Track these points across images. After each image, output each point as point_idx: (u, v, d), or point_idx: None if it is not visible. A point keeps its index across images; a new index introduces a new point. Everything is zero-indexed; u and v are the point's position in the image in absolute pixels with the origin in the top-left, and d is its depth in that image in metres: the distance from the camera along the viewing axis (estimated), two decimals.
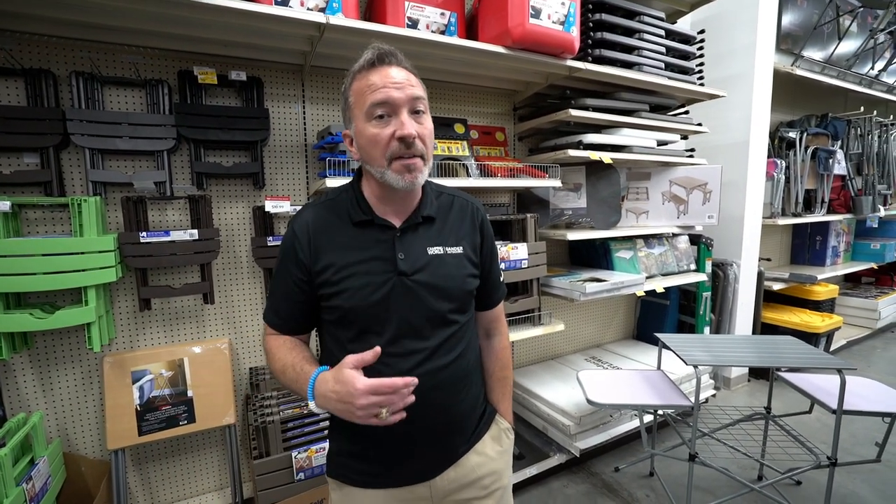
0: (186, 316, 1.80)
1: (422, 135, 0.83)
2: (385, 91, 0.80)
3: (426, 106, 0.86)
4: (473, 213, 0.99)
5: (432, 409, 0.88)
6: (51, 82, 1.49)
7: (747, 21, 2.87)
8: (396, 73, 0.82)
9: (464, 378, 0.94)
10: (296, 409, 1.69)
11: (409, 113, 0.83)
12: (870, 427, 2.57)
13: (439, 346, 0.88)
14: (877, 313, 4.06)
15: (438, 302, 0.87)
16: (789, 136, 3.41)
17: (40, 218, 1.55)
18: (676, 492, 2.02)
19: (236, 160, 1.80)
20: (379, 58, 0.82)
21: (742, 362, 1.89)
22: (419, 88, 0.85)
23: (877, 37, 3.89)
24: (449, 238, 0.93)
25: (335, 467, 0.96)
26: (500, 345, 1.09)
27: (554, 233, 2.21)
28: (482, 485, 0.96)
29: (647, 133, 2.31)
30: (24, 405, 1.58)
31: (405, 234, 0.90)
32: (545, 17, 1.72)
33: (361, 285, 0.85)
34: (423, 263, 0.88)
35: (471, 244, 0.96)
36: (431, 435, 0.90)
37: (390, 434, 0.86)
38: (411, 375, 0.76)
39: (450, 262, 0.91)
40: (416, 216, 0.91)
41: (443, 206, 0.97)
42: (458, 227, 0.96)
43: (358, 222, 0.89)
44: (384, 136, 0.81)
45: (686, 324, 2.95)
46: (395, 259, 0.87)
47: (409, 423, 0.79)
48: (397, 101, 0.81)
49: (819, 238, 4.02)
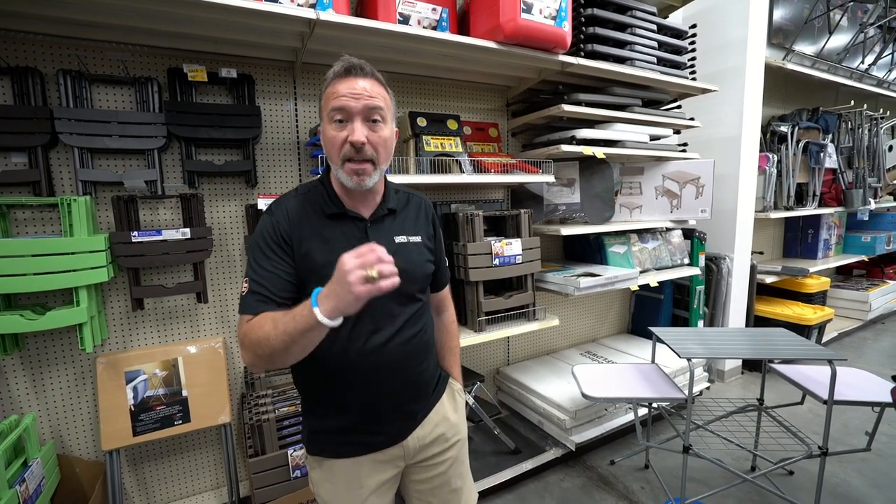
0: (180, 315, 1.79)
1: (373, 142, 0.92)
2: (344, 100, 0.90)
3: (385, 116, 0.94)
4: (427, 208, 1.14)
5: (401, 375, 1.02)
6: (38, 81, 1.47)
7: (739, 15, 2.88)
8: (359, 85, 0.91)
9: (424, 348, 1.07)
10: (291, 407, 1.69)
11: (364, 121, 0.91)
12: (860, 417, 2.61)
13: (407, 321, 1.01)
14: (868, 305, 4.11)
15: (406, 284, 0.91)
16: (781, 130, 3.43)
17: (29, 218, 1.53)
18: (671, 483, 2.04)
19: (228, 158, 1.79)
20: (346, 70, 0.91)
21: (735, 354, 1.91)
22: (379, 100, 0.92)
23: (867, 31, 3.91)
24: (409, 228, 1.07)
25: (314, 444, 1.04)
26: (449, 319, 1.25)
27: (548, 228, 2.22)
28: (444, 438, 1.11)
29: (640, 128, 2.32)
30: (16, 407, 1.57)
31: (376, 224, 1.01)
32: (537, 11, 1.71)
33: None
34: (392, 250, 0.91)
35: (426, 234, 1.10)
36: (400, 400, 1.03)
37: (365, 405, 0.99)
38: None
39: (412, 249, 1.05)
40: (383, 208, 1.03)
41: (401, 201, 1.09)
42: (415, 219, 1.10)
43: (330, 215, 0.98)
44: (339, 139, 0.91)
45: (680, 317, 2.97)
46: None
47: (381, 392, 0.98)
48: (352, 109, 0.90)
49: (811, 231, 4.05)
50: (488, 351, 2.59)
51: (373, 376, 0.98)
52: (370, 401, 1.00)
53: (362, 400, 0.99)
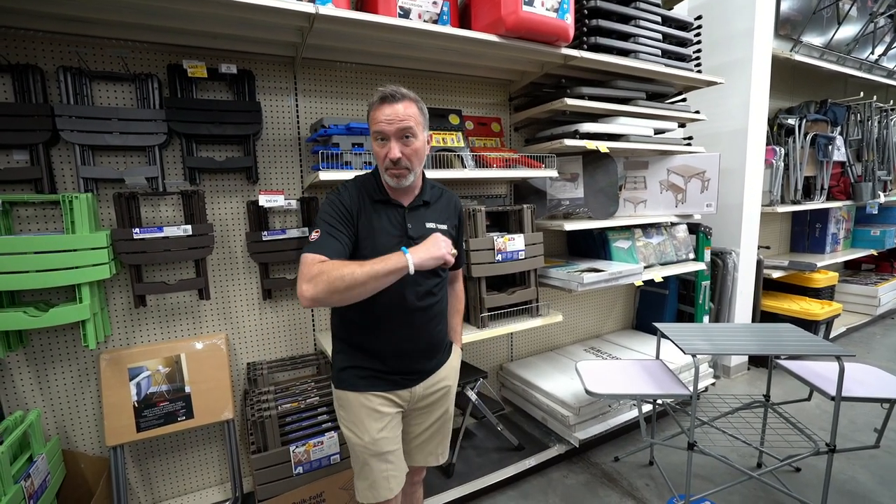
0: (182, 312, 1.80)
1: (406, 154, 1.16)
2: (382, 125, 1.14)
3: (415, 132, 1.16)
4: (455, 203, 1.39)
5: (425, 334, 1.28)
6: (38, 78, 1.47)
7: (745, 6, 2.83)
8: (393, 111, 1.13)
9: (441, 315, 1.34)
10: (293, 403, 1.69)
11: (398, 139, 1.15)
12: (869, 413, 2.57)
13: (428, 290, 1.26)
14: (877, 300, 4.06)
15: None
16: (788, 122, 3.38)
17: (32, 215, 1.54)
18: (676, 480, 2.03)
19: (229, 154, 1.78)
20: (381, 98, 1.14)
21: (741, 350, 1.88)
22: (409, 121, 1.14)
23: (877, 20, 3.84)
24: (439, 218, 1.31)
25: (342, 381, 1.27)
26: (459, 287, 1.52)
27: (551, 223, 2.20)
28: (439, 387, 1.36)
29: (644, 121, 2.29)
30: (21, 403, 1.58)
31: (412, 212, 1.26)
32: (539, 4, 1.69)
33: (383, 244, 1.19)
34: (424, 233, 1.23)
35: (451, 224, 1.35)
36: (420, 353, 1.29)
37: (390, 351, 1.24)
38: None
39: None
40: (419, 200, 1.28)
41: (435, 195, 1.34)
42: (444, 211, 1.34)
43: (378, 200, 1.24)
44: (381, 154, 1.17)
45: (685, 313, 2.95)
46: (405, 227, 1.23)
47: (404, 341, 1.24)
48: (388, 133, 1.14)
49: (819, 225, 4.00)
50: (491, 347, 2.58)
51: (400, 328, 1.23)
52: (394, 347, 1.24)
53: (388, 346, 1.24)
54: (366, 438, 1.23)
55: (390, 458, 1.26)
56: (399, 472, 1.29)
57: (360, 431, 1.24)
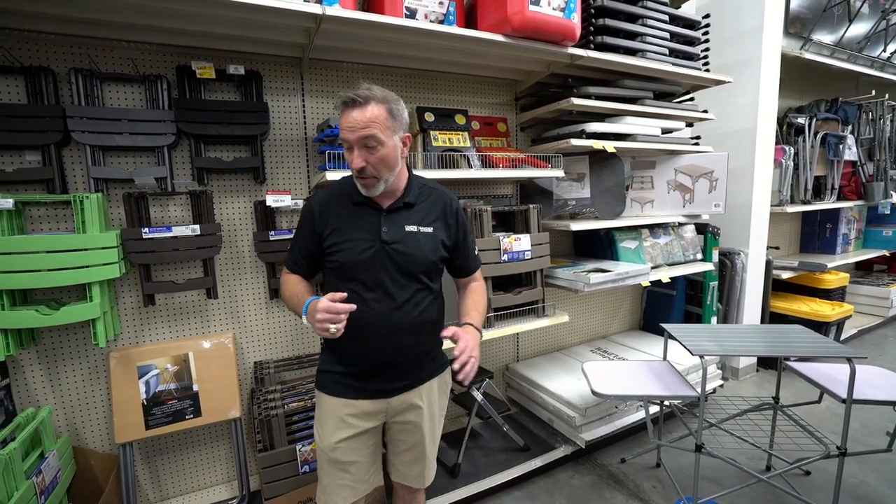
0: (190, 311, 1.81)
1: (371, 163, 1.11)
2: (344, 133, 1.10)
3: (380, 138, 1.09)
4: (447, 202, 1.29)
5: (394, 345, 1.20)
6: (50, 80, 1.49)
7: (754, 4, 2.80)
8: (355, 117, 1.08)
9: (420, 328, 1.23)
10: (300, 402, 1.69)
11: (361, 148, 1.10)
12: (881, 416, 2.54)
13: (408, 299, 1.20)
14: (889, 301, 4.00)
15: (408, 265, 1.19)
16: (798, 121, 3.34)
17: (43, 215, 1.56)
18: (683, 482, 2.01)
19: (237, 155, 1.80)
20: (343, 103, 1.10)
21: (749, 352, 1.87)
22: (373, 127, 1.08)
23: (889, 17, 3.78)
24: (423, 220, 1.23)
25: (320, 381, 1.28)
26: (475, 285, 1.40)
27: (557, 223, 2.19)
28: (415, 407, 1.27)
29: (652, 121, 2.27)
30: (32, 400, 1.60)
31: (390, 215, 1.20)
32: (545, 3, 1.68)
33: (354, 247, 1.17)
34: (400, 237, 1.19)
35: (443, 226, 1.26)
36: (392, 365, 1.23)
37: (364, 360, 1.21)
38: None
39: (421, 237, 1.21)
40: (399, 202, 1.22)
41: (422, 195, 1.26)
42: (431, 212, 1.25)
43: (356, 202, 1.21)
44: (349, 159, 1.13)
45: (693, 314, 2.92)
46: (380, 232, 1.18)
47: (378, 353, 1.19)
48: (351, 141, 1.10)
49: (829, 225, 3.95)
50: (497, 347, 2.58)
51: (375, 339, 1.19)
52: (366, 358, 1.21)
53: (360, 356, 1.21)
54: (324, 443, 1.23)
55: (350, 468, 1.23)
56: (358, 485, 1.25)
57: (322, 433, 1.24)
